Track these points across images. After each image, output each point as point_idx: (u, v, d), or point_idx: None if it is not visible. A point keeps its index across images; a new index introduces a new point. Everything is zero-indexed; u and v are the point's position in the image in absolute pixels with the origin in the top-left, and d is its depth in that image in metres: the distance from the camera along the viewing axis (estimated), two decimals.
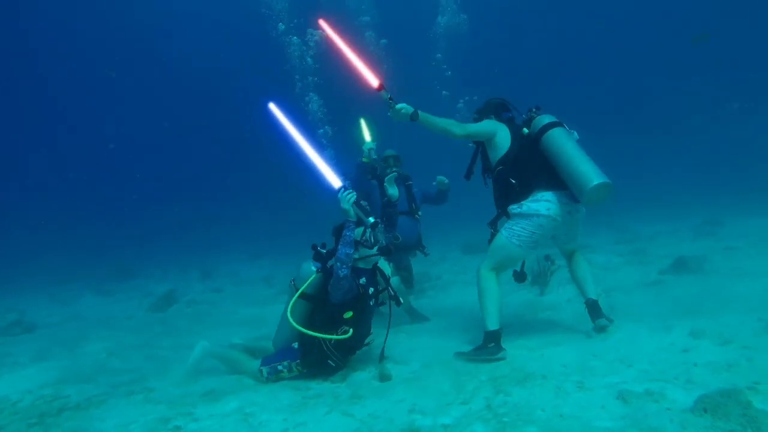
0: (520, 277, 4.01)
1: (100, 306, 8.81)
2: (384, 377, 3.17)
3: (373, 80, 3.61)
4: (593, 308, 3.77)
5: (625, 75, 31.22)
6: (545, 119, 3.75)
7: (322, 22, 4.08)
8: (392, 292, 3.50)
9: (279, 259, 13.07)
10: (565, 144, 3.59)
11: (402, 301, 3.55)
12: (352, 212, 3.37)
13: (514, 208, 3.64)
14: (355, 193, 3.38)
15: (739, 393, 2.25)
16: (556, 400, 2.57)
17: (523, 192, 3.64)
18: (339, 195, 3.38)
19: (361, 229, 3.49)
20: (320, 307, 3.40)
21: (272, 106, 3.94)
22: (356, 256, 3.41)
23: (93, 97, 29.97)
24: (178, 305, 7.72)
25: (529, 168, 3.66)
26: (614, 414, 2.36)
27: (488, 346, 3.44)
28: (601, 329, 3.66)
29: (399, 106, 3.57)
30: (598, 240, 9.46)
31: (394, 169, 5.04)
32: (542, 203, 3.57)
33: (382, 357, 3.42)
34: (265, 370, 3.34)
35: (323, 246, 3.52)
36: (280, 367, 3.31)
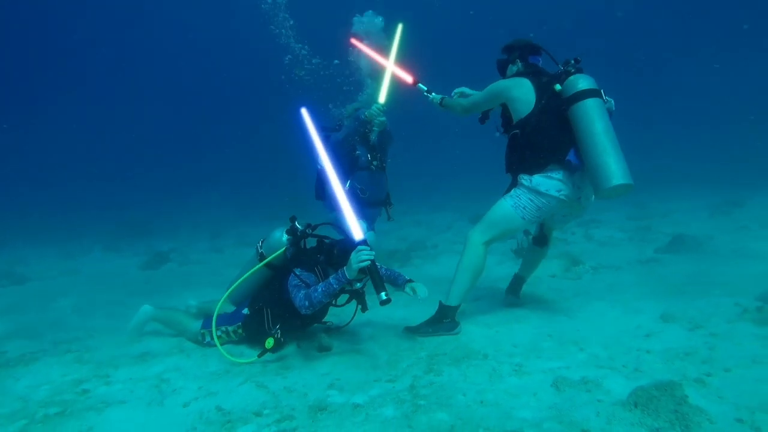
0: (541, 240, 3.83)
1: (103, 262, 8.95)
2: (322, 348, 3.02)
3: (407, 78, 4.03)
4: (517, 283, 3.90)
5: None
6: (582, 82, 3.12)
7: (354, 41, 4.55)
8: (361, 293, 3.07)
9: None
10: (597, 123, 3.03)
11: (384, 297, 2.69)
12: (355, 273, 2.71)
13: (524, 179, 3.23)
14: (373, 254, 2.69)
15: (675, 386, 2.01)
16: (485, 383, 2.38)
17: (536, 163, 3.18)
18: (354, 251, 2.69)
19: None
20: (278, 282, 3.21)
21: (304, 112, 3.49)
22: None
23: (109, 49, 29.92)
24: (171, 264, 7.76)
25: (550, 136, 3.14)
26: (542, 403, 2.16)
27: (444, 321, 3.25)
28: (509, 304, 3.78)
29: (432, 96, 3.81)
30: (609, 215, 9.02)
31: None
32: (554, 182, 3.14)
33: (327, 328, 3.27)
34: (206, 333, 3.24)
35: (309, 226, 3.26)
36: (219, 332, 3.19)
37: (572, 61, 3.27)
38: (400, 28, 4.35)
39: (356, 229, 2.73)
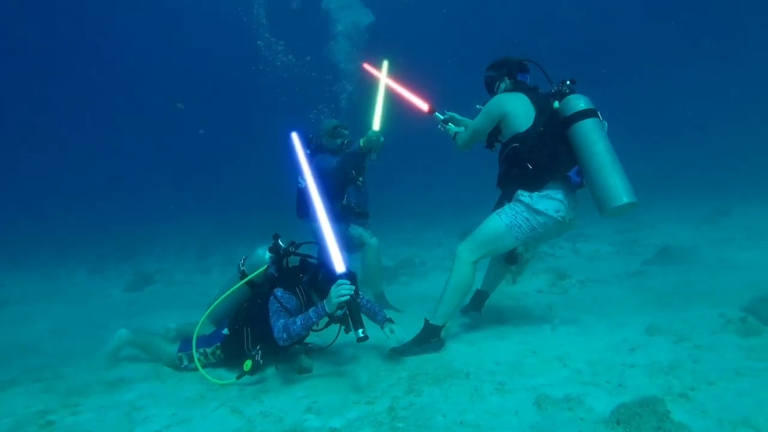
0: (512, 258, 3.64)
1: (87, 284, 8.78)
2: (302, 370, 2.95)
3: (423, 106, 3.90)
4: (479, 299, 3.80)
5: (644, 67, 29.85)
6: (580, 102, 3.15)
7: (366, 66, 4.42)
8: (350, 318, 2.82)
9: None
10: (598, 143, 3.05)
11: (361, 334, 2.60)
12: (334, 307, 2.63)
13: (523, 196, 3.14)
14: (353, 289, 2.62)
15: (658, 402, 1.97)
16: (467, 403, 2.32)
17: (536, 180, 3.12)
18: (334, 285, 2.62)
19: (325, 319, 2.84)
20: (259, 301, 3.14)
21: (294, 137, 3.59)
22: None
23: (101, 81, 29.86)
24: (156, 285, 7.64)
25: (550, 154, 3.11)
26: (523, 422, 2.10)
27: (431, 341, 3.19)
28: (472, 318, 3.70)
29: (448, 127, 3.71)
30: (597, 229, 9.01)
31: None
32: (554, 202, 3.09)
33: (307, 349, 3.19)
34: (183, 357, 3.15)
35: (293, 245, 3.23)
36: (197, 355, 3.10)
37: (568, 81, 3.27)
38: (385, 64, 4.36)
39: (338, 261, 2.68)
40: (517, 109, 3.18)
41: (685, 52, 27.88)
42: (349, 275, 2.68)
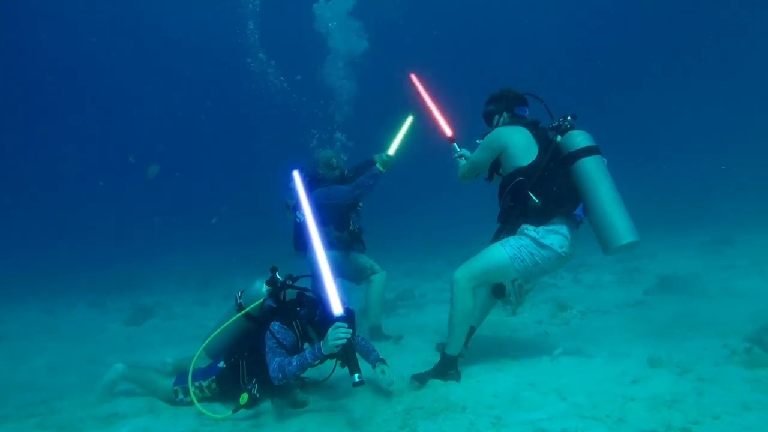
0: (498, 292, 3.59)
1: (85, 319, 8.72)
2: (297, 404, 2.90)
3: (447, 131, 3.91)
4: (470, 334, 3.58)
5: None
6: (582, 140, 3.19)
7: (413, 77, 4.25)
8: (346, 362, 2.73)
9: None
10: (602, 182, 3.10)
11: (357, 380, 2.54)
12: (330, 350, 2.61)
13: (529, 230, 3.12)
14: (350, 333, 2.58)
15: None
16: None
17: (543, 215, 3.10)
18: (332, 328, 2.59)
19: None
20: (256, 334, 3.11)
21: (296, 175, 3.63)
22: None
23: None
24: (155, 319, 7.57)
25: (559, 188, 3.13)
26: None
27: (449, 372, 3.15)
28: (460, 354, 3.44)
29: (461, 162, 3.69)
30: (599, 258, 8.92)
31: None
32: (559, 237, 3.09)
33: (303, 383, 3.14)
34: (179, 390, 3.10)
35: (290, 278, 3.21)
36: (192, 388, 3.06)
37: (569, 117, 3.31)
38: (410, 120, 4.52)
39: (335, 303, 2.66)
40: (518, 142, 3.20)
41: (674, 77, 28.18)
42: (347, 318, 2.65)
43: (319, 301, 3.10)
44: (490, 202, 3.53)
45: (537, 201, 3.08)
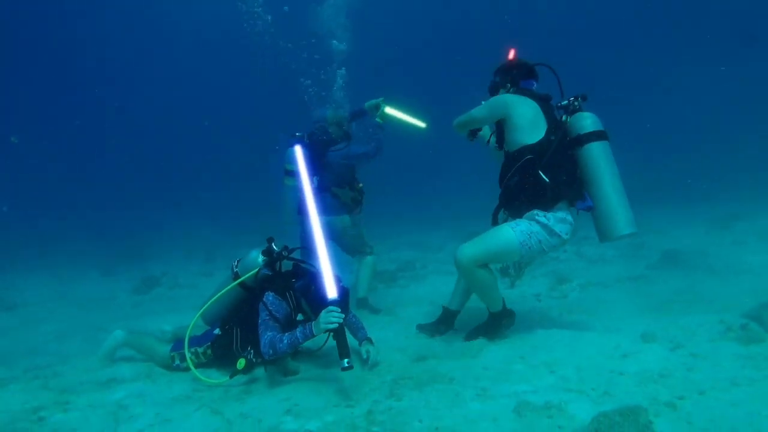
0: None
1: (96, 287, 8.91)
2: (288, 372, 2.95)
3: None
4: (449, 317, 3.62)
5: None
6: (590, 123, 3.12)
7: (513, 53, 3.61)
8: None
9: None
10: (607, 170, 3.07)
11: (346, 364, 2.53)
12: (321, 332, 2.63)
13: (539, 216, 3.06)
14: (342, 317, 2.58)
15: (640, 412, 1.92)
16: (446, 409, 2.29)
17: (552, 199, 3.04)
18: (325, 311, 2.60)
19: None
20: (251, 304, 3.15)
21: (298, 151, 3.61)
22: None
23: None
24: (161, 288, 7.72)
25: (568, 172, 3.08)
26: (500, 429, 2.07)
27: (501, 322, 3.30)
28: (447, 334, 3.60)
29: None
30: None
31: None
32: (566, 226, 3.09)
33: (296, 352, 3.19)
34: (176, 356, 3.17)
35: (286, 249, 3.24)
36: (188, 354, 3.12)
37: (579, 98, 3.22)
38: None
39: (330, 285, 2.66)
40: (524, 114, 3.09)
41: (687, 53, 27.24)
42: (341, 301, 2.66)
43: (315, 275, 3.12)
44: (494, 175, 3.44)
45: (548, 181, 3.00)
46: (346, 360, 2.51)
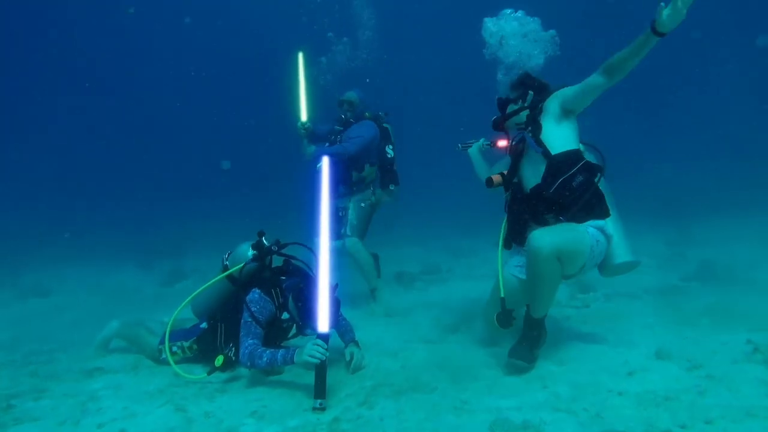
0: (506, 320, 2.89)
1: (130, 278, 9.17)
2: (272, 372, 2.84)
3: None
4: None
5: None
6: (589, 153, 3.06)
7: None
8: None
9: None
10: (609, 200, 2.96)
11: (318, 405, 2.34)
12: (303, 363, 2.53)
13: (607, 226, 2.87)
14: (327, 355, 2.46)
15: None
16: (416, 421, 2.13)
17: (606, 209, 2.90)
18: (312, 342, 2.49)
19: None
20: (238, 299, 3.07)
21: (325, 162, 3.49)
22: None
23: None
24: (187, 282, 7.85)
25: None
26: None
27: (533, 333, 2.78)
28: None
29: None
30: (644, 240, 8.21)
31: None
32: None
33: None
34: (162, 349, 3.14)
35: (277, 244, 3.14)
36: (175, 348, 3.09)
37: None
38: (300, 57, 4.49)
39: (323, 321, 2.54)
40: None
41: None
42: (328, 337, 2.53)
43: (306, 275, 3.02)
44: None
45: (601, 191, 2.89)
46: (319, 401, 2.33)
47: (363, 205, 4.82)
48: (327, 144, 4.73)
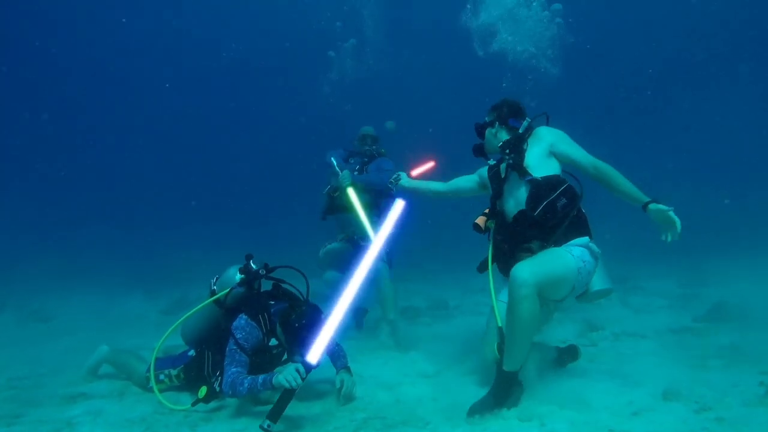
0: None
1: (135, 306, 9.13)
2: (260, 402, 2.75)
3: None
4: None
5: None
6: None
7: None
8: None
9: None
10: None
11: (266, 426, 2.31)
12: (280, 385, 2.40)
13: (592, 244, 2.78)
14: (300, 384, 2.37)
15: None
16: None
17: (587, 230, 2.86)
18: (293, 367, 2.40)
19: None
20: (225, 325, 2.99)
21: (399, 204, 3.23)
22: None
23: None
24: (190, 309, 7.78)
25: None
26: None
27: (511, 390, 2.55)
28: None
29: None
30: (658, 282, 7.99)
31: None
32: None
33: None
34: (150, 377, 3.05)
35: (265, 267, 3.08)
36: (162, 376, 3.00)
37: None
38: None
39: (315, 352, 2.44)
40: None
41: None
42: (312, 368, 2.44)
43: (298, 300, 2.94)
44: None
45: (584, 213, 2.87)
46: (268, 422, 2.26)
47: None
48: (355, 172, 4.96)
